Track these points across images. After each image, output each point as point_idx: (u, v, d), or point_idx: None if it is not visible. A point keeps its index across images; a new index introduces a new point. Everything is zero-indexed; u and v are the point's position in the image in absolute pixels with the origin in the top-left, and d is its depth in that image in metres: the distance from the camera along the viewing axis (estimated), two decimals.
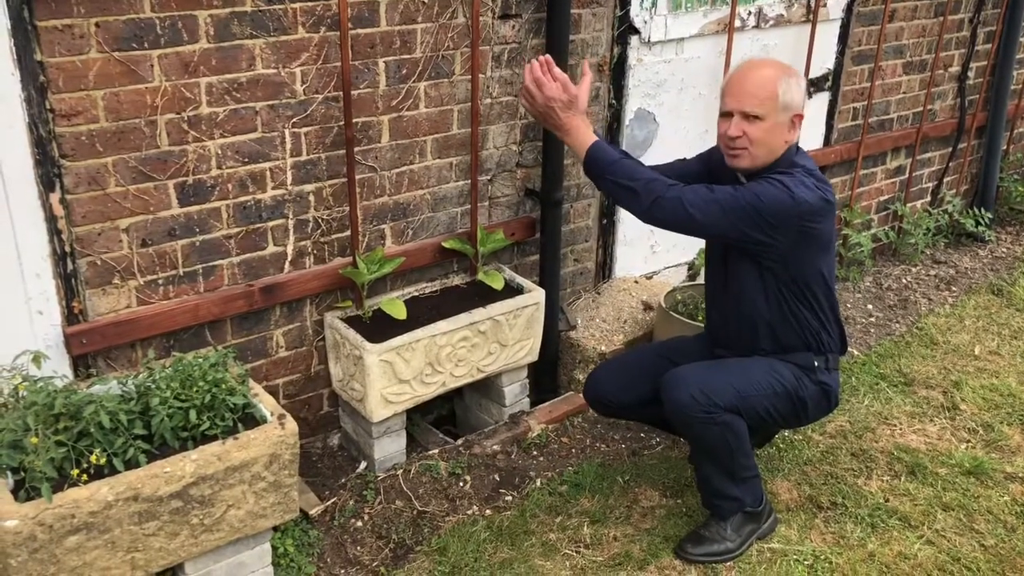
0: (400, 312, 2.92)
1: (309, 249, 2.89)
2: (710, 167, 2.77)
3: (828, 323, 2.70)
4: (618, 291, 3.79)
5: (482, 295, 3.14)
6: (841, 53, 4.21)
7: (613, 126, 3.54)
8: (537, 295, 3.18)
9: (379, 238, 3.04)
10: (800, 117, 2.57)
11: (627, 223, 3.76)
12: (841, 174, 4.50)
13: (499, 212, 3.33)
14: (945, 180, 5.15)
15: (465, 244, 3.19)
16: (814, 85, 4.14)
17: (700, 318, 3.34)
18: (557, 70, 2.55)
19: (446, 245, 3.15)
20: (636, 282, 3.86)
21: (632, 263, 3.89)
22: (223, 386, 2.40)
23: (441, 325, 2.93)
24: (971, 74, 4.92)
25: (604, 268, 3.82)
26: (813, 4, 3.88)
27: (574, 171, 3.45)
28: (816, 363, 2.69)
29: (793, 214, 2.46)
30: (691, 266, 4.07)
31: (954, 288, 4.61)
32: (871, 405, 3.54)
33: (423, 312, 3.02)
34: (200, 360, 2.45)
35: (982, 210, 5.17)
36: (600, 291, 3.80)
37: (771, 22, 3.81)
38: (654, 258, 3.94)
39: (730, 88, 2.56)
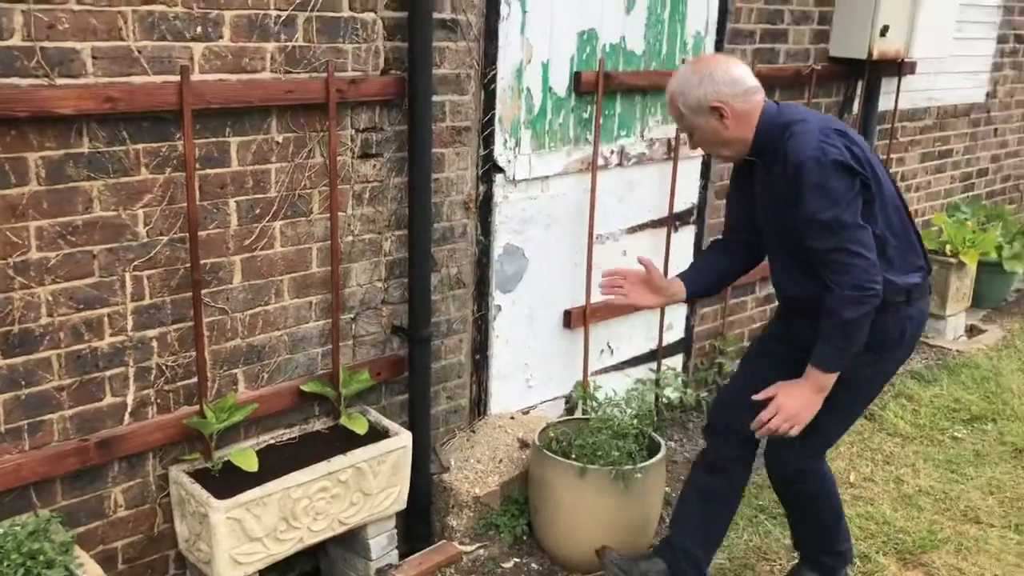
0: (251, 464, 2.73)
1: (152, 398, 2.70)
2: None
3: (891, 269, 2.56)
4: (494, 428, 3.69)
5: (345, 440, 2.98)
6: (704, 188, 4.34)
7: (482, 261, 3.52)
8: (404, 438, 3.05)
9: (231, 383, 2.88)
10: (719, 105, 2.49)
11: (501, 357, 3.69)
12: (712, 304, 4.58)
13: (364, 351, 3.21)
14: None
15: (326, 386, 3.05)
16: (679, 219, 4.25)
17: (573, 456, 3.25)
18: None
19: (305, 388, 3.00)
20: (512, 418, 3.76)
21: (508, 398, 3.80)
22: (40, 558, 2.17)
23: (297, 476, 2.75)
24: None
25: (479, 404, 3.72)
26: (674, 143, 4.02)
27: (443, 306, 3.39)
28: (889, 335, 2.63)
29: (844, 166, 2.41)
30: (568, 399, 4.02)
31: None
32: (750, 540, 3.48)
33: (279, 461, 2.83)
34: (16, 529, 2.22)
35: None
36: (475, 429, 3.68)
37: (633, 160, 3.92)
38: (530, 392, 3.87)
39: None
